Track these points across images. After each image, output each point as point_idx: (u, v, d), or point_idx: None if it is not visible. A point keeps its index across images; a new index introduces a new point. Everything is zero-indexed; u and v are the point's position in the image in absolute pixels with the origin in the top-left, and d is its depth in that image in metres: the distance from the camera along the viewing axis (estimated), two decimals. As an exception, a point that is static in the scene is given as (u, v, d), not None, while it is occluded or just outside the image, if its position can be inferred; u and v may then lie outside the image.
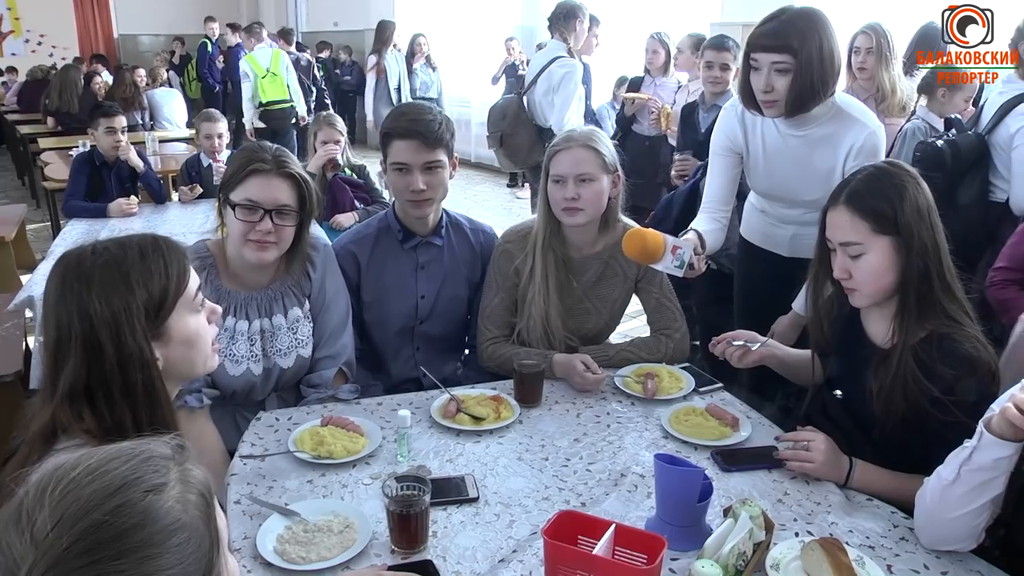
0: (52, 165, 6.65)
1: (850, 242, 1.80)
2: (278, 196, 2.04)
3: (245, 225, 2.02)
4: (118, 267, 1.33)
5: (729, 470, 1.83)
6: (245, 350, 2.13)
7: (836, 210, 1.82)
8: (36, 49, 14.65)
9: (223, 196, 2.08)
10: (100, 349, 1.29)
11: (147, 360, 1.32)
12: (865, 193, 1.79)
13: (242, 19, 13.75)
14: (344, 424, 1.95)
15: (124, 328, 1.30)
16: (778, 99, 2.30)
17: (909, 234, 1.74)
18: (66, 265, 1.34)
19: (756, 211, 2.78)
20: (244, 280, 2.16)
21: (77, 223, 4.47)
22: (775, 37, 2.27)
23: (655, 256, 2.13)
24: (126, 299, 1.31)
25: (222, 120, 4.93)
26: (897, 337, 1.78)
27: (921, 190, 1.78)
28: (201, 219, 4.49)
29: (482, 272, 2.56)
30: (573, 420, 2.08)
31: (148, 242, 1.39)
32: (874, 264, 1.78)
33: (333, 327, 2.26)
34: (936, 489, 1.50)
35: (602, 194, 2.33)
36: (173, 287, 1.38)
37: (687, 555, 1.50)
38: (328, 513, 1.63)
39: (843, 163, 2.37)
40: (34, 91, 10.61)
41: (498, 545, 1.57)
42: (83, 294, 1.30)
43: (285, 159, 2.07)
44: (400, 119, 2.35)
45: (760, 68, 2.30)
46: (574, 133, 2.38)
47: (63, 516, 0.78)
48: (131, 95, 8.44)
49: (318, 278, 2.24)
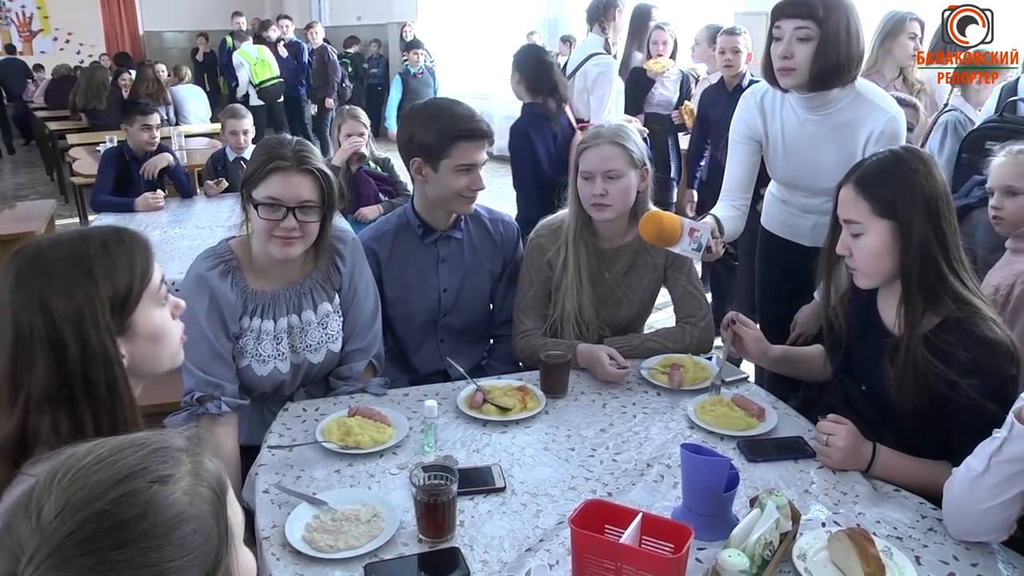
0: (80, 161, 6.73)
1: (852, 220, 1.81)
2: (300, 192, 2.03)
3: (269, 223, 2.02)
4: (80, 260, 1.25)
5: (755, 460, 1.82)
6: (271, 349, 2.13)
7: (846, 187, 1.84)
8: (64, 47, 14.82)
9: (246, 192, 2.07)
10: (64, 347, 1.21)
11: (111, 358, 1.25)
12: (873, 175, 1.80)
13: (265, 14, 13.84)
14: (371, 414, 1.96)
15: (88, 324, 1.22)
16: (796, 68, 2.27)
17: (908, 222, 1.73)
18: (22, 258, 1.25)
19: (777, 201, 2.76)
20: (271, 277, 2.15)
21: (105, 217, 4.52)
22: (801, 5, 2.25)
23: (672, 239, 2.12)
24: (89, 293, 1.23)
25: (247, 116, 4.95)
26: (905, 326, 1.78)
27: (933, 179, 1.76)
28: (227, 213, 4.52)
29: (503, 262, 2.56)
30: (599, 411, 2.08)
31: (110, 234, 1.31)
32: (871, 245, 1.78)
33: (364, 319, 2.27)
34: (965, 480, 1.49)
35: (630, 190, 2.33)
36: (138, 280, 1.30)
37: (713, 545, 1.50)
38: (355, 502, 1.64)
39: (863, 149, 2.35)
40: (60, 88, 10.73)
41: (525, 534, 1.57)
42: (43, 288, 1.22)
43: (305, 154, 2.05)
44: (461, 121, 2.33)
45: (782, 36, 2.29)
46: (602, 129, 2.38)
47: (68, 503, 0.77)
48: (155, 91, 8.50)
49: (347, 271, 2.23)
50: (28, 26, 16.02)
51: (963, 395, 1.66)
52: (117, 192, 4.72)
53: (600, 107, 4.60)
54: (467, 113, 2.36)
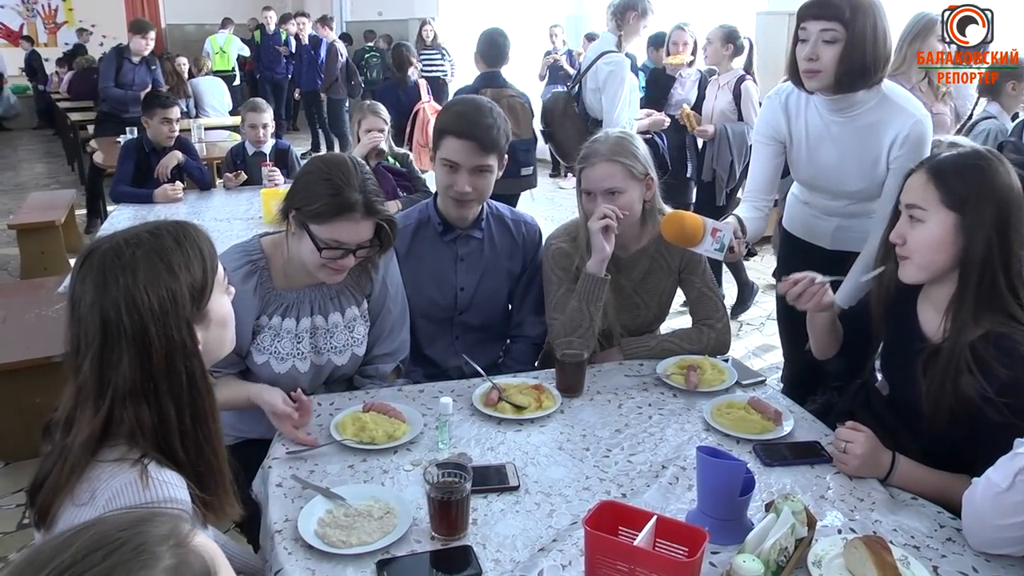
0: (100, 152, 6.77)
1: (916, 205, 1.76)
2: (363, 235, 2.02)
3: (326, 259, 2.01)
4: (159, 255, 1.29)
5: (771, 465, 1.81)
6: (290, 347, 2.13)
7: (917, 173, 1.79)
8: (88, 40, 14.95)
9: (299, 216, 2.01)
10: (149, 342, 1.25)
11: (191, 349, 1.30)
12: (949, 166, 1.74)
13: (287, 8, 13.91)
14: (386, 410, 1.96)
15: (171, 318, 1.27)
16: (821, 69, 2.25)
17: (977, 220, 1.68)
18: (103, 258, 1.28)
19: (799, 203, 2.74)
20: (300, 279, 2.14)
21: (124, 208, 4.55)
22: (827, 6, 2.23)
23: (694, 239, 2.10)
24: (171, 287, 1.28)
25: (268, 110, 4.98)
26: (951, 331, 1.73)
27: (1011, 183, 1.71)
28: (245, 205, 4.54)
29: (523, 263, 2.55)
30: (615, 411, 2.07)
31: (177, 228, 1.36)
32: (932, 234, 1.73)
33: (393, 323, 2.28)
34: (987, 494, 1.46)
35: (633, 203, 2.32)
36: (209, 270, 1.36)
37: (728, 549, 1.49)
38: (369, 498, 1.64)
39: (887, 152, 2.33)
40: (82, 80, 10.81)
41: (538, 534, 1.57)
42: (130, 285, 1.25)
43: (374, 199, 2.01)
44: (460, 118, 2.32)
45: (808, 37, 2.26)
46: (599, 146, 2.32)
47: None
48: (174, 83, 8.56)
49: (379, 277, 2.24)
50: (53, 18, 16.19)
51: (996, 412, 1.62)
52: (137, 183, 4.75)
53: (612, 105, 4.58)
54: (472, 113, 2.33)
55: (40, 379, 3.40)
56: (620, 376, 2.26)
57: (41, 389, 3.40)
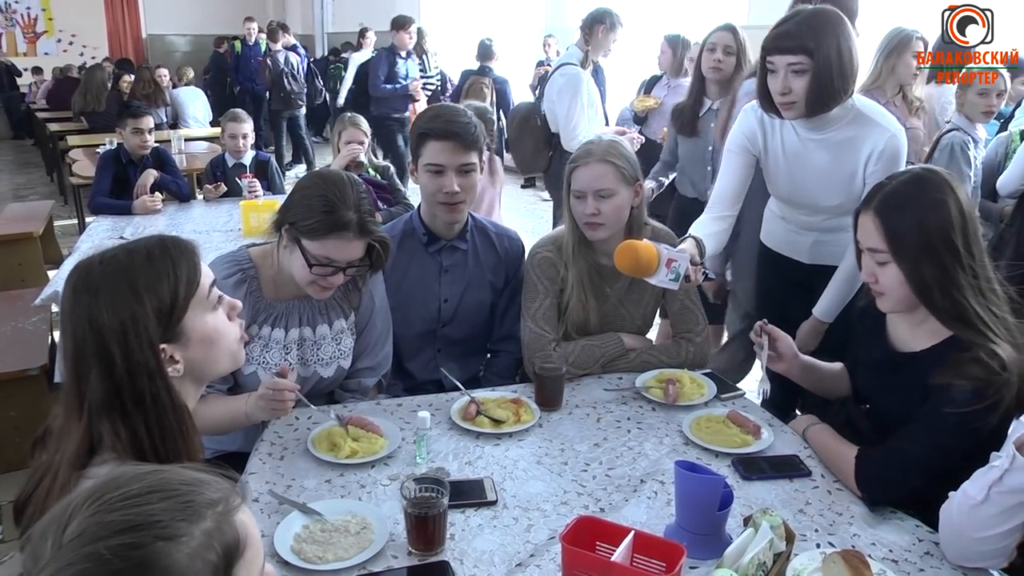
0: (79, 162, 6.73)
1: (876, 249, 1.78)
2: (355, 254, 2.03)
3: (316, 275, 2.02)
4: (124, 275, 1.31)
5: (750, 478, 1.81)
6: (279, 358, 2.12)
7: (866, 214, 1.80)
8: (68, 49, 14.88)
9: (292, 231, 2.02)
10: (111, 360, 1.27)
11: (154, 369, 1.30)
12: (894, 206, 1.75)
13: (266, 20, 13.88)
14: (363, 424, 1.95)
15: (132, 338, 1.28)
16: (796, 100, 2.26)
17: (931, 252, 1.70)
18: (76, 276, 1.32)
19: (776, 218, 2.75)
20: (289, 290, 2.13)
21: (103, 219, 4.51)
22: (790, 38, 2.24)
23: (648, 270, 2.04)
24: (132, 308, 1.29)
25: (248, 121, 4.96)
26: (917, 344, 1.76)
27: (955, 202, 1.71)
28: (224, 218, 4.51)
29: (505, 277, 2.54)
30: (593, 425, 2.07)
31: (155, 244, 1.36)
32: (897, 273, 1.75)
33: (377, 337, 2.27)
34: (963, 507, 1.47)
35: (622, 207, 2.31)
36: (183, 288, 1.35)
37: (706, 564, 1.48)
38: (346, 513, 1.63)
39: (864, 167, 2.34)
40: (62, 90, 10.75)
41: (516, 549, 1.56)
42: (92, 305, 1.28)
43: (366, 221, 2.02)
44: (436, 120, 2.33)
45: (777, 70, 2.27)
46: (592, 147, 2.33)
47: (82, 533, 0.78)
48: (151, 92, 8.53)
49: (367, 291, 2.24)
50: (33, 27, 16.07)
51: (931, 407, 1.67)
52: (116, 195, 4.71)
53: (567, 118, 4.52)
54: (447, 114, 2.35)
55: (16, 392, 3.34)
56: (599, 390, 2.25)
57: (17, 402, 3.35)
